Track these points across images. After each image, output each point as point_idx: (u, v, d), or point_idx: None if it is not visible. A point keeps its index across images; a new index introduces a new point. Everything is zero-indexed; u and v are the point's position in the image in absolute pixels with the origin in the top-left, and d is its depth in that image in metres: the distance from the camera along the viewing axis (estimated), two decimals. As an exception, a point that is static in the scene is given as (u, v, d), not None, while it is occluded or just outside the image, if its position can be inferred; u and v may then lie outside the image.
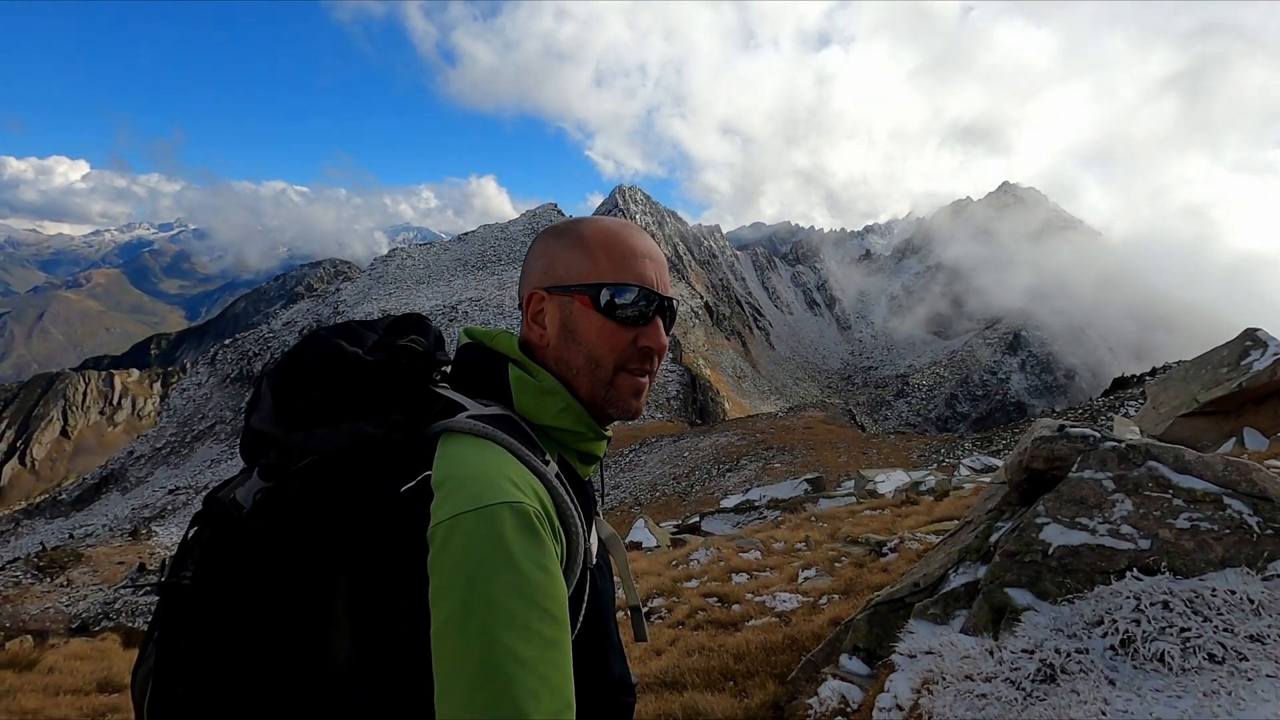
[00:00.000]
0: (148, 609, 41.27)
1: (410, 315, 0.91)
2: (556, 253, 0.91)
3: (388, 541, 0.69)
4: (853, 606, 4.21)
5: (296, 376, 0.82)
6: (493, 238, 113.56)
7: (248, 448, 0.83)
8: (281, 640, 0.69)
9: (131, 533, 61.25)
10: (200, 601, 0.72)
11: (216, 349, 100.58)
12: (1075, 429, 2.48)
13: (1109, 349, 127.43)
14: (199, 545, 0.78)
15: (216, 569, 0.74)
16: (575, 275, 0.89)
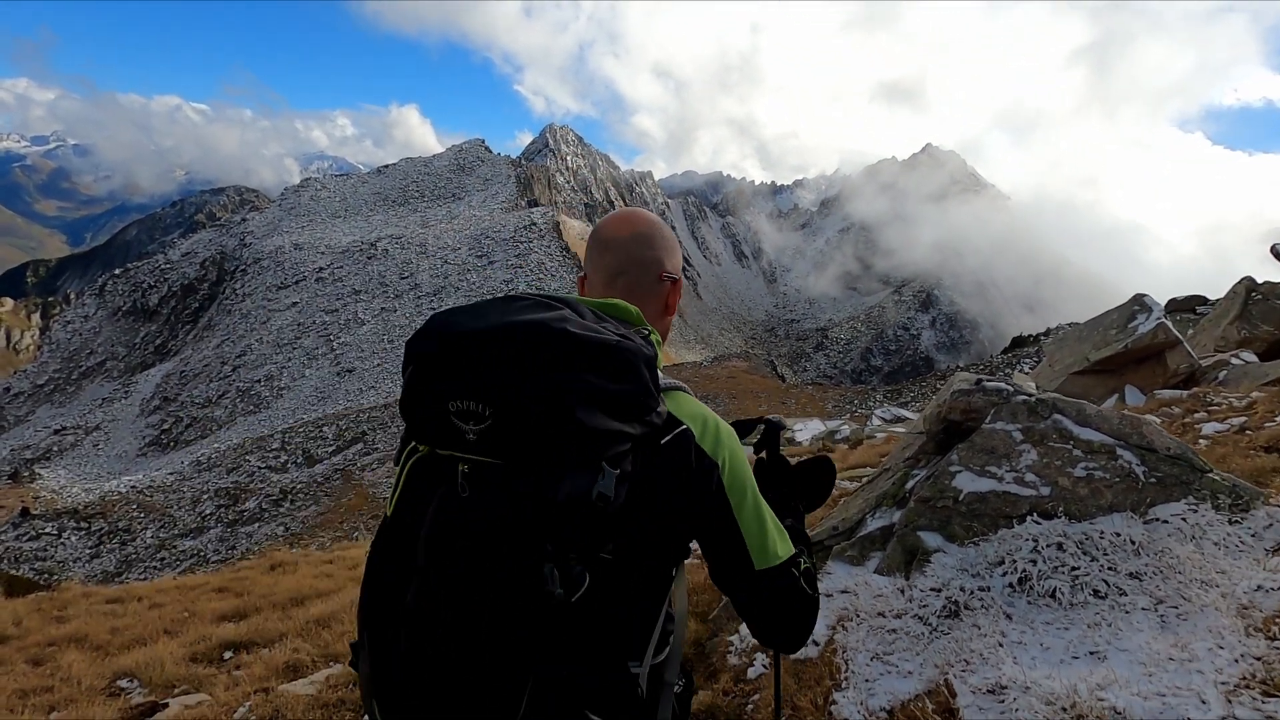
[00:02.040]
0: (34, 554, 38.69)
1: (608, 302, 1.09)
2: (672, 245, 1.25)
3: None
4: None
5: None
6: (415, 172, 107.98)
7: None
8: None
9: (11, 475, 56.70)
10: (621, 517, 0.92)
11: (106, 279, 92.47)
12: (991, 383, 2.61)
13: (1004, 302, 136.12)
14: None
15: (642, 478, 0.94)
16: (677, 264, 1.25)
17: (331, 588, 5.67)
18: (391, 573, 0.93)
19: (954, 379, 2.74)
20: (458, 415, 0.87)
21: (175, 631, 4.74)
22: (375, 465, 41.05)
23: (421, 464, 0.93)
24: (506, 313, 0.94)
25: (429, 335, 0.93)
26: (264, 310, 77.05)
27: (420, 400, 0.91)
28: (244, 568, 7.95)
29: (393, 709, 0.92)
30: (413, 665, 0.89)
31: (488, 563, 0.85)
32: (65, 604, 5.97)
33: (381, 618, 0.93)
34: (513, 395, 0.87)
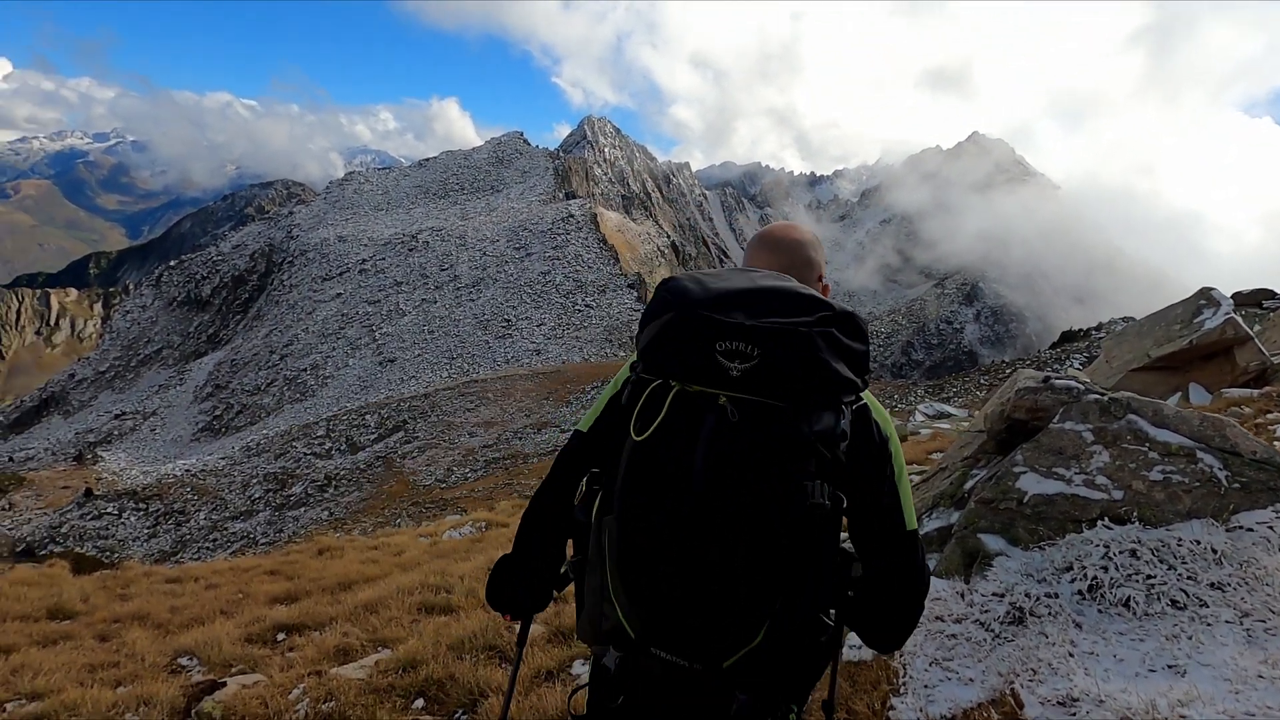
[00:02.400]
0: (97, 533, 40.59)
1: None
2: (823, 253, 1.46)
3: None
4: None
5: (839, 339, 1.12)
6: (455, 165, 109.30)
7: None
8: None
9: (76, 457, 59.51)
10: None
11: (161, 270, 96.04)
12: (1060, 380, 2.49)
13: (1053, 294, 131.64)
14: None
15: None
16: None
17: (377, 573, 5.80)
18: (653, 485, 1.06)
19: (1017, 376, 2.63)
20: (724, 354, 1.05)
21: (230, 612, 4.91)
22: (415, 453, 41.87)
23: (681, 397, 1.08)
24: (754, 278, 1.15)
25: (685, 289, 1.13)
26: (310, 301, 79.13)
27: (685, 341, 1.07)
28: (293, 551, 8.19)
29: (653, 600, 1.06)
30: (687, 561, 1.04)
31: (760, 477, 1.03)
32: (128, 582, 6.24)
33: (648, 520, 1.06)
34: (779, 339, 1.05)
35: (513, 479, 30.74)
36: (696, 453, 1.04)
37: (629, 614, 1.08)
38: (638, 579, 1.07)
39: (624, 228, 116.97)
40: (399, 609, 4.32)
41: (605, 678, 1.13)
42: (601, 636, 1.13)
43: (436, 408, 48.12)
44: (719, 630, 1.06)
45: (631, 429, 1.11)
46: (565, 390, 46.87)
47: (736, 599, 1.04)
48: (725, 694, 1.07)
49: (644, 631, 1.08)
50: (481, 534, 7.42)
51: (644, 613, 1.07)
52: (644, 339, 1.15)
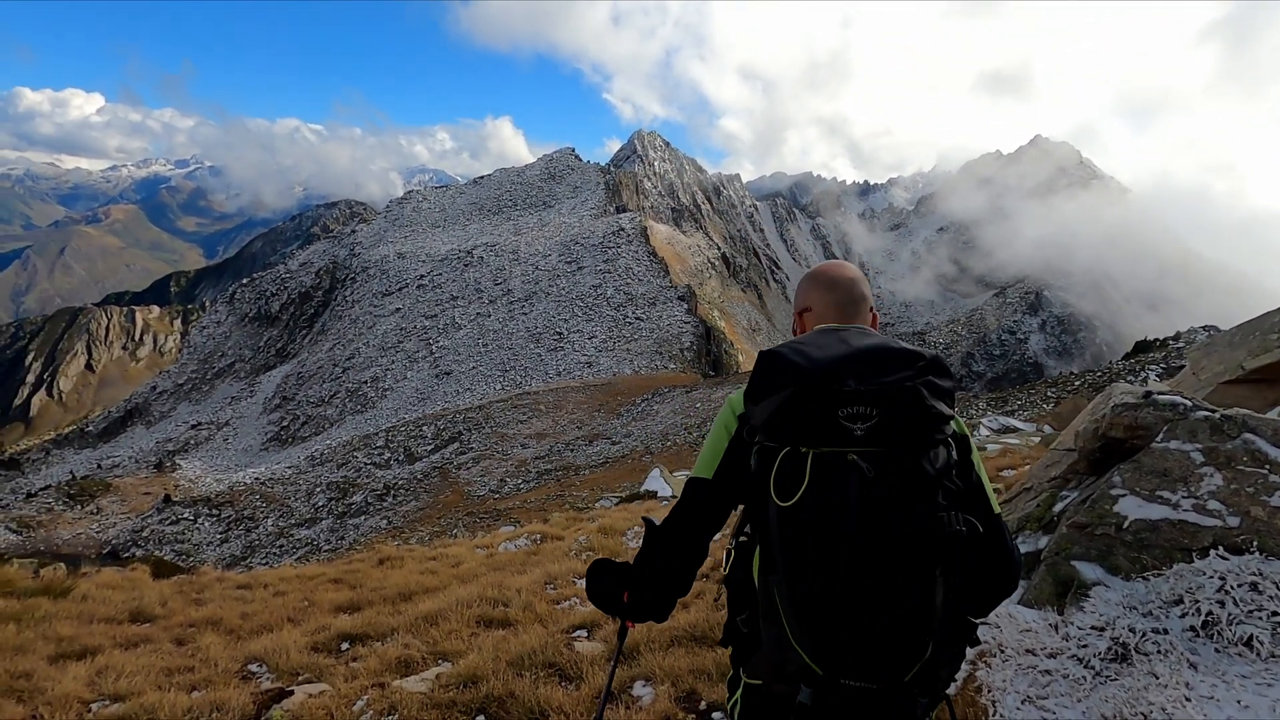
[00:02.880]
0: (174, 538, 42.70)
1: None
2: (869, 285, 1.67)
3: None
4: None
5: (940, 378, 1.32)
6: (509, 181, 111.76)
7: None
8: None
9: (156, 465, 62.99)
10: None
11: (235, 288, 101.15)
12: (1164, 395, 2.30)
13: (1123, 301, 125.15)
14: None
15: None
16: None
17: (436, 585, 5.86)
18: (812, 545, 1.20)
19: (1112, 390, 2.45)
20: (847, 419, 1.21)
21: (297, 620, 5.03)
22: (470, 464, 42.63)
23: (818, 459, 1.22)
24: (848, 341, 1.34)
25: (794, 363, 1.29)
26: (370, 316, 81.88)
27: (808, 413, 1.23)
28: (355, 559, 8.38)
29: (834, 643, 1.21)
30: (860, 604, 1.19)
31: (906, 519, 1.18)
32: (202, 587, 6.50)
33: (816, 576, 1.20)
34: (893, 397, 1.22)
35: (564, 490, 30.90)
36: (849, 509, 1.18)
37: (814, 657, 1.21)
38: (816, 627, 1.21)
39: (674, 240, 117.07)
40: (458, 621, 4.34)
41: (803, 712, 1.26)
42: (788, 677, 1.26)
43: (490, 419, 48.95)
44: (898, 655, 1.22)
45: (774, 496, 1.24)
46: (616, 402, 47.02)
47: (908, 627, 1.20)
48: (909, 702, 1.27)
49: (830, 669, 1.21)
50: (537, 546, 7.45)
51: (828, 654, 1.21)
52: (763, 412, 1.29)
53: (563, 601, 4.84)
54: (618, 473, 32.08)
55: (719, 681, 2.96)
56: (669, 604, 1.54)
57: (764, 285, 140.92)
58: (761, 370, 1.34)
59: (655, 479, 12.89)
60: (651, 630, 3.66)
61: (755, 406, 1.32)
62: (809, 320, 1.68)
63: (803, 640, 1.22)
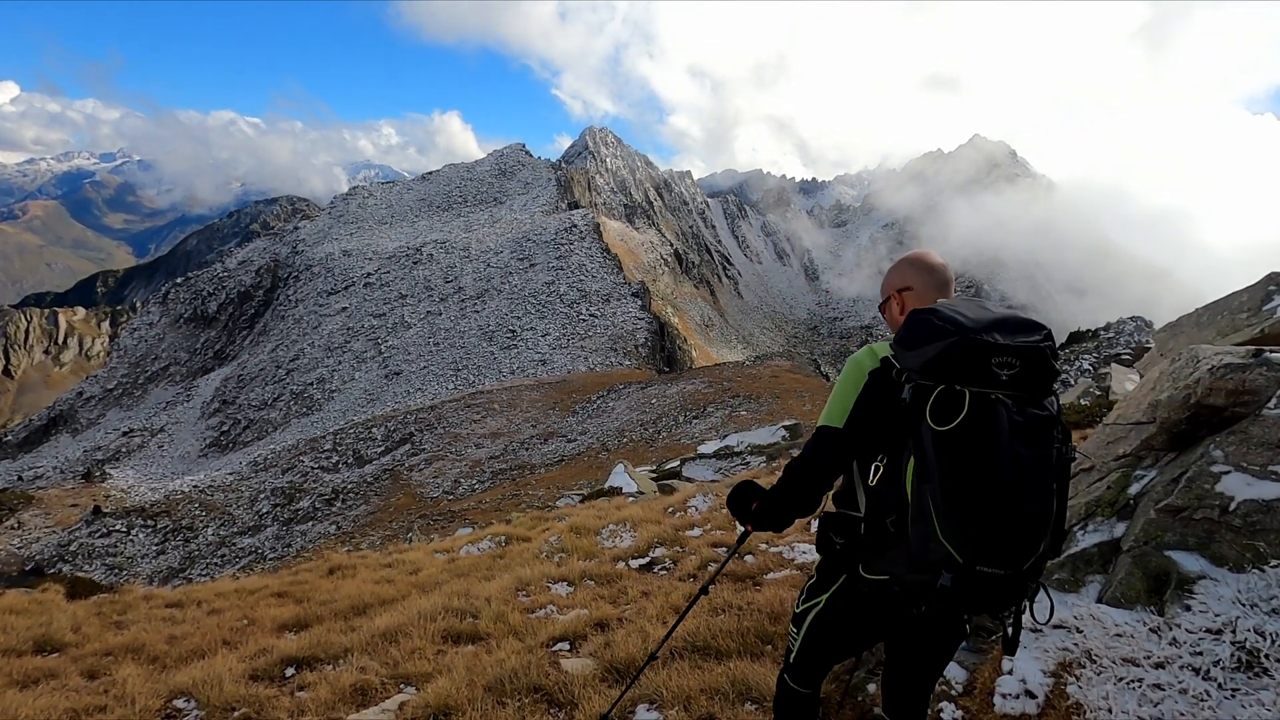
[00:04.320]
0: (105, 551, 40.13)
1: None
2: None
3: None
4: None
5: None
6: (458, 178, 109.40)
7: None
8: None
9: (84, 475, 59.24)
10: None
11: (168, 288, 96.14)
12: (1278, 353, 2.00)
13: (1052, 287, 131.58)
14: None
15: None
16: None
17: (393, 595, 5.30)
18: (973, 454, 1.49)
19: (1197, 352, 2.13)
20: (997, 365, 1.51)
21: (234, 642, 4.42)
22: (422, 465, 41.37)
23: (973, 396, 1.52)
24: (989, 308, 1.63)
25: (957, 320, 1.56)
26: (315, 315, 78.97)
27: (968, 357, 1.52)
28: (302, 569, 7.71)
29: (979, 537, 1.49)
30: (1005, 508, 1.48)
31: (1045, 445, 1.51)
32: (126, 607, 5.76)
33: (969, 486, 1.48)
34: (1030, 353, 1.53)
35: (520, 490, 30.23)
36: (1000, 436, 1.47)
37: (958, 548, 1.50)
38: (962, 525, 1.49)
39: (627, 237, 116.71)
40: (421, 638, 3.83)
41: (943, 593, 1.53)
42: (930, 567, 1.53)
43: (443, 420, 47.69)
44: (1024, 548, 1.51)
45: (930, 421, 1.52)
46: (571, 400, 46.37)
47: (1034, 527, 1.51)
48: (1025, 584, 1.57)
49: (970, 558, 1.50)
50: (503, 549, 6.92)
51: (970, 546, 1.49)
52: (921, 356, 1.58)
53: (538, 609, 4.37)
54: (574, 470, 31.57)
55: (736, 702, 2.56)
56: (792, 520, 1.84)
57: (716, 281, 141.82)
58: (919, 324, 1.62)
59: (620, 475, 12.46)
60: (648, 640, 3.24)
61: (910, 352, 1.61)
62: (909, 298, 1.96)
63: (950, 536, 1.49)
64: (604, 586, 4.67)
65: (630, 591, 4.45)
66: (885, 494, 1.66)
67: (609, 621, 3.78)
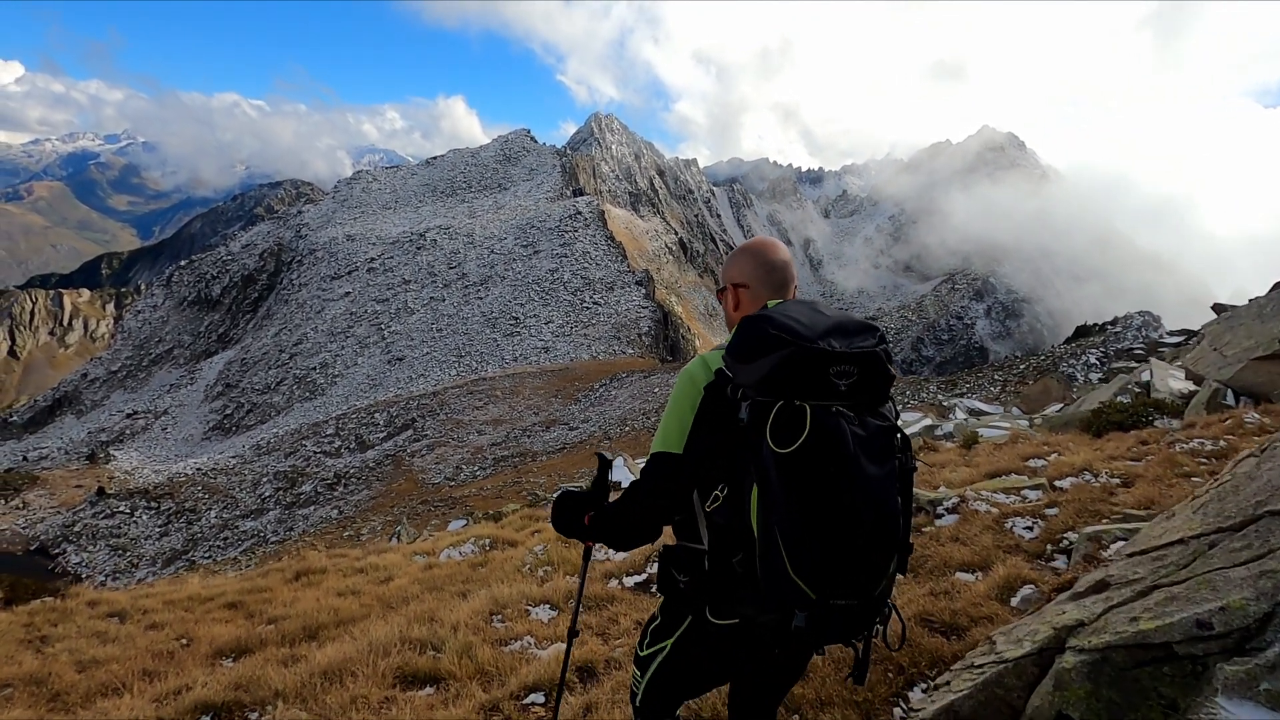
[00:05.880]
0: (109, 532, 40.00)
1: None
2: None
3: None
4: (929, 591, 3.18)
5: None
6: (463, 163, 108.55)
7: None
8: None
9: (89, 456, 59.24)
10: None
11: (172, 270, 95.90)
12: None
13: (1056, 274, 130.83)
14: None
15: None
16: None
17: (354, 612, 4.74)
18: (817, 476, 1.37)
19: None
20: (835, 374, 1.40)
21: (156, 673, 3.85)
22: (424, 451, 41.06)
23: (814, 410, 1.39)
24: (823, 311, 1.52)
25: (793, 327, 1.44)
26: (319, 300, 78.61)
27: (806, 369, 1.40)
28: (272, 570, 7.18)
29: (832, 569, 1.39)
30: (850, 533, 1.38)
31: (888, 458, 1.42)
32: (60, 619, 5.20)
33: (821, 512, 1.37)
34: (868, 359, 1.44)
35: (521, 477, 29.88)
36: (846, 454, 1.37)
37: (811, 584, 1.38)
38: (813, 559, 1.37)
39: (631, 225, 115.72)
40: (369, 678, 3.25)
41: (798, 634, 1.41)
42: (783, 606, 1.40)
43: (445, 406, 47.34)
44: (876, 573, 1.43)
45: (771, 444, 1.38)
46: (574, 388, 45.92)
47: (886, 549, 1.42)
48: (872, 614, 1.48)
49: (823, 593, 1.39)
50: (485, 555, 6.36)
51: (823, 580, 1.38)
52: (757, 371, 1.43)
53: (513, 641, 3.76)
54: (576, 459, 31.18)
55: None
56: (630, 543, 1.66)
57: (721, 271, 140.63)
58: (752, 333, 1.46)
59: (619, 469, 11.91)
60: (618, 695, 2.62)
61: (745, 366, 1.45)
62: (744, 295, 1.78)
63: (802, 571, 1.37)
64: (592, 612, 4.03)
65: (622, 621, 3.83)
66: (728, 528, 1.50)
67: (595, 665, 3.17)
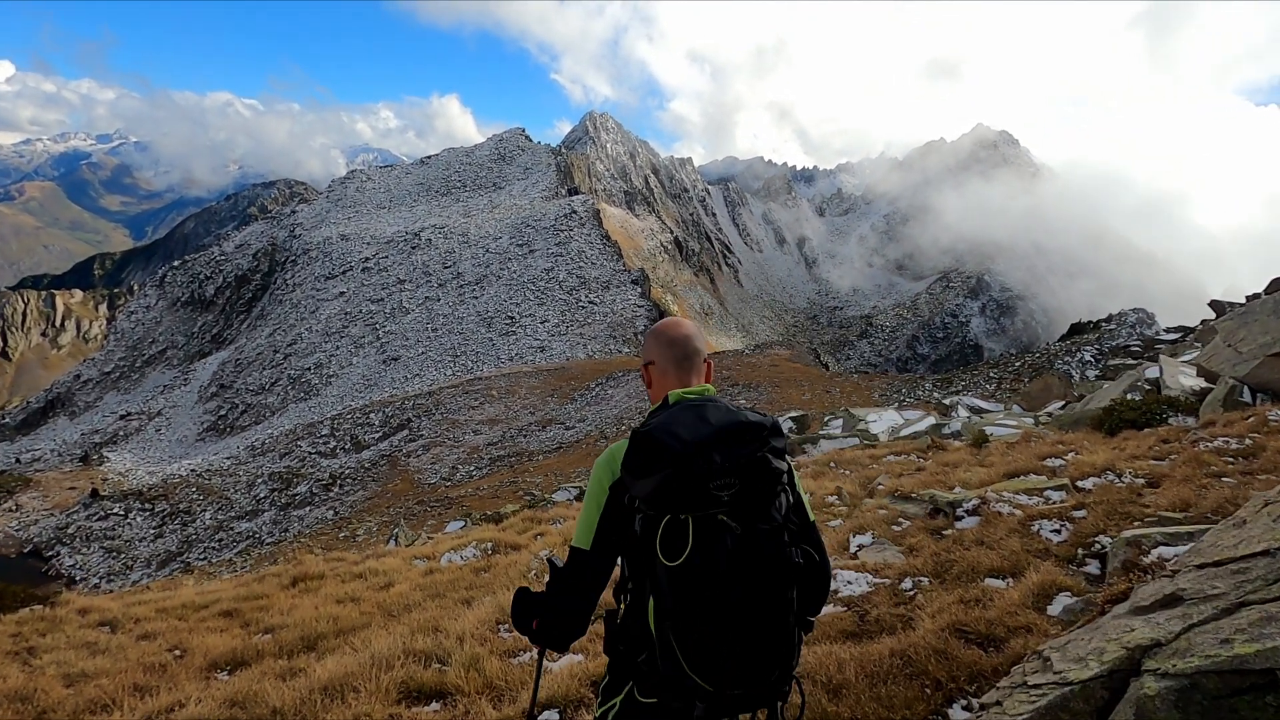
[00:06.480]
0: (103, 534, 39.61)
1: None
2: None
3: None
4: (959, 598, 3.04)
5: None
6: (457, 162, 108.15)
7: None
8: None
9: (82, 458, 58.76)
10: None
11: (165, 271, 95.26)
12: None
13: (1049, 270, 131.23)
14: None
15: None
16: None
17: (354, 621, 4.56)
18: (703, 586, 1.50)
19: None
20: (716, 488, 1.50)
21: (148, 688, 3.68)
22: (420, 451, 40.82)
23: (697, 523, 1.51)
24: (708, 418, 1.58)
25: (669, 446, 1.53)
26: (313, 300, 78.20)
27: (686, 487, 1.51)
28: (268, 575, 6.99)
29: (722, 668, 1.51)
30: (743, 633, 1.51)
31: (770, 562, 1.52)
32: (49, 628, 5.02)
33: (707, 618, 1.50)
34: (749, 467, 1.53)
35: (518, 476, 29.68)
36: (726, 561, 1.49)
37: (706, 680, 1.51)
38: (706, 659, 1.51)
39: (626, 223, 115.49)
40: (372, 693, 3.08)
41: (699, 719, 1.57)
42: (684, 696, 1.55)
43: (441, 406, 47.10)
44: (768, 665, 1.54)
45: (661, 557, 1.52)
46: (570, 387, 45.74)
47: (775, 642, 1.54)
48: (773, 694, 1.60)
49: (719, 686, 1.52)
50: (488, 559, 6.19)
51: (717, 676, 1.51)
52: (644, 488, 1.54)
53: (522, 653, 3.61)
54: (572, 458, 30.99)
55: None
56: (568, 643, 1.76)
57: (716, 270, 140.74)
58: (640, 451, 1.57)
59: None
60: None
61: (636, 481, 1.57)
62: (654, 372, 1.88)
63: (697, 669, 1.51)
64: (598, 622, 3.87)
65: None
66: (632, 630, 1.63)
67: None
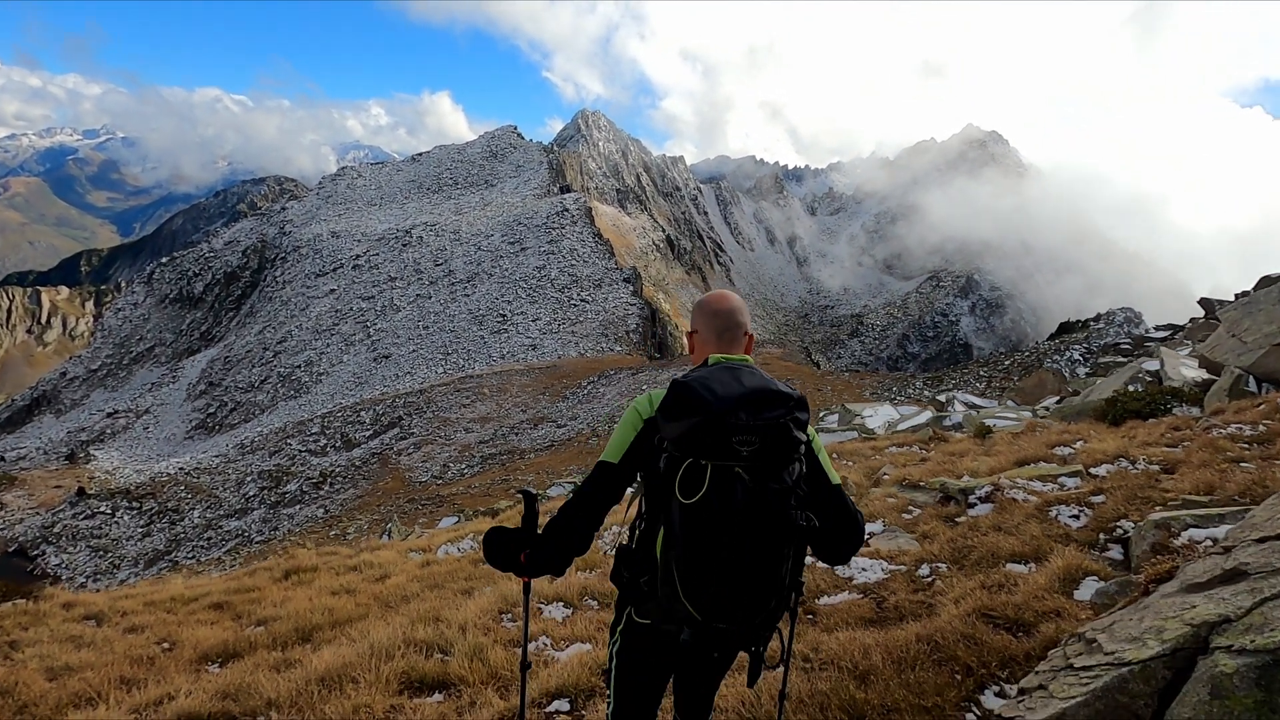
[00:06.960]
0: (90, 533, 39.10)
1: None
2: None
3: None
4: (981, 584, 2.94)
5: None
6: (449, 159, 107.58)
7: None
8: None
9: (68, 456, 58.08)
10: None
11: (153, 267, 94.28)
12: None
13: (1037, 268, 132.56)
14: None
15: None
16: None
17: (350, 613, 4.42)
18: (710, 526, 1.65)
19: None
20: (738, 443, 1.64)
21: (136, 681, 3.54)
22: (411, 450, 40.56)
23: (715, 470, 1.66)
24: (742, 380, 1.75)
25: (703, 398, 1.69)
26: (303, 297, 77.59)
27: (711, 436, 1.65)
28: (259, 569, 6.83)
29: (713, 600, 1.69)
30: (736, 573, 1.67)
31: (772, 515, 1.66)
32: (32, 622, 4.86)
33: (708, 554, 1.66)
34: (770, 430, 1.67)
35: (509, 474, 29.55)
36: (735, 507, 1.64)
37: (696, 608, 1.70)
38: (700, 589, 1.70)
39: (618, 222, 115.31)
40: (372, 685, 2.95)
41: (684, 647, 1.77)
42: (675, 621, 1.75)
43: (432, 404, 46.84)
44: (752, 607, 1.71)
45: (678, 495, 1.68)
46: (562, 385, 45.59)
47: (760, 587, 1.70)
48: (754, 637, 1.80)
49: (706, 616, 1.71)
50: (484, 551, 6.06)
51: (706, 606, 1.70)
52: (674, 430, 1.71)
53: (530, 642, 3.48)
54: (564, 456, 30.89)
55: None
56: (568, 561, 1.90)
57: (708, 268, 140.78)
58: (677, 398, 1.72)
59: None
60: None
61: (668, 424, 1.72)
62: (696, 341, 2.04)
63: (691, 598, 1.70)
64: (610, 609, 3.75)
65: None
66: (639, 557, 1.82)
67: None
